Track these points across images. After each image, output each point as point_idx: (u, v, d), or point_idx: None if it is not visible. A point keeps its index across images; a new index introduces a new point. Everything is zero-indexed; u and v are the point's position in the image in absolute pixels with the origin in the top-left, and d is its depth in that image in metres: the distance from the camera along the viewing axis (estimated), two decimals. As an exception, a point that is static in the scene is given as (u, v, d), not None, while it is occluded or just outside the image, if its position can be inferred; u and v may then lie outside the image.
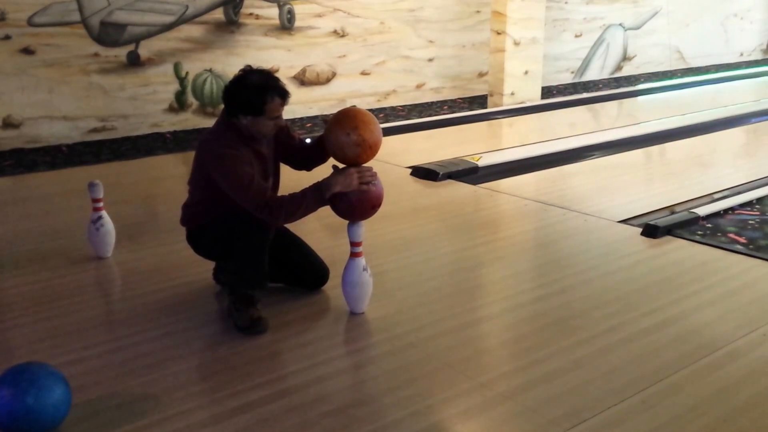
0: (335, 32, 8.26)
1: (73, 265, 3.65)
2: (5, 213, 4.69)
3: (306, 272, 3.25)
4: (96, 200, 3.63)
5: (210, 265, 3.33)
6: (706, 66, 12.29)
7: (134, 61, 6.95)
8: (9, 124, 6.37)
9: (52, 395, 2.20)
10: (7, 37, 6.25)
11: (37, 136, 6.50)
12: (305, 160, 3.17)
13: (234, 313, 2.94)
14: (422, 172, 5.36)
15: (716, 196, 4.88)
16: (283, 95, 2.86)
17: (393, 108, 8.70)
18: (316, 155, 3.12)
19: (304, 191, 2.85)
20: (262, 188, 2.86)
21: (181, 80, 7.26)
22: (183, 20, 7.18)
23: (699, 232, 4.15)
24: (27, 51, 6.36)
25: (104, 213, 3.67)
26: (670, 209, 4.58)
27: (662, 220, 4.14)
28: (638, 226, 4.15)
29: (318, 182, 2.85)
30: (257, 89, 2.82)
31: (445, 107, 8.89)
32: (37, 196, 5.10)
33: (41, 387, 2.19)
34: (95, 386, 2.53)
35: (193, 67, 7.31)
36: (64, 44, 6.53)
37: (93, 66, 6.72)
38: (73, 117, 6.66)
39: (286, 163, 3.18)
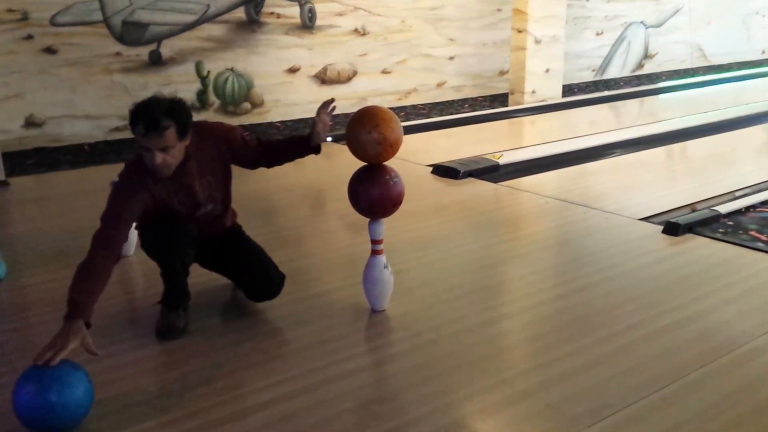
0: (356, 31, 8.28)
1: (97, 262, 3.68)
2: (28, 211, 4.76)
3: (252, 282, 3.08)
4: (119, 198, 3.66)
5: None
6: (728, 64, 12.16)
7: (156, 61, 7.01)
8: (32, 123, 6.45)
9: (75, 392, 2.22)
10: (30, 37, 6.34)
11: (59, 135, 6.59)
12: (274, 157, 3.03)
13: (160, 315, 2.93)
14: (443, 170, 5.36)
15: (738, 193, 4.83)
16: (147, 125, 2.51)
17: (414, 106, 8.70)
18: (288, 149, 3.02)
19: (83, 301, 2.44)
20: (114, 229, 2.64)
21: (203, 79, 7.31)
22: (204, 19, 7.23)
23: (720, 230, 4.12)
24: (49, 50, 6.44)
25: (127, 211, 3.69)
26: (692, 207, 4.54)
27: (683, 218, 4.11)
28: (659, 223, 4.12)
29: (83, 314, 2.41)
30: (132, 110, 2.57)
31: (466, 105, 8.88)
32: (59, 194, 5.16)
33: (64, 384, 2.21)
34: (117, 383, 2.55)
35: (214, 66, 7.36)
36: (86, 44, 6.60)
37: (115, 65, 6.79)
38: (96, 116, 6.74)
39: (253, 167, 3.07)
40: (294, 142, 3.04)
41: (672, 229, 3.96)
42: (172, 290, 2.94)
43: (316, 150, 3.02)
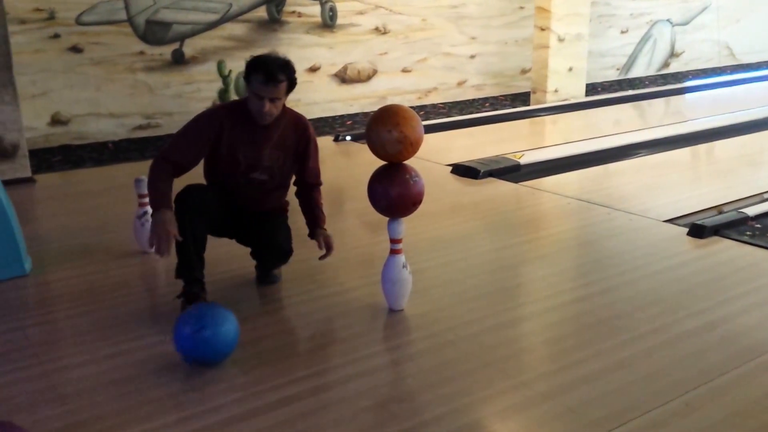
0: (377, 29, 8.27)
1: (119, 259, 3.73)
2: (53, 208, 4.81)
3: (263, 249, 3.24)
4: (141, 196, 3.70)
5: (251, 261, 3.36)
6: (757, 62, 11.97)
7: (179, 60, 7.06)
8: (57, 120, 6.53)
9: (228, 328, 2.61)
10: (56, 36, 6.41)
11: (84, 133, 6.66)
12: (299, 192, 3.30)
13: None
14: (463, 170, 5.34)
15: (766, 195, 4.75)
16: (269, 76, 2.90)
17: (434, 105, 8.67)
18: (302, 206, 3.28)
19: (159, 197, 2.89)
20: (175, 146, 3.00)
21: (225, 78, 7.35)
22: (227, 18, 7.27)
23: (747, 233, 4.05)
24: (75, 49, 6.52)
25: (149, 208, 3.72)
26: (718, 209, 4.48)
27: (709, 220, 4.05)
28: (684, 225, 4.06)
29: (165, 205, 2.88)
30: (253, 60, 2.97)
31: (487, 104, 8.83)
32: (83, 191, 5.21)
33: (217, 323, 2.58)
34: (139, 378, 2.57)
35: (236, 65, 7.39)
36: (110, 42, 6.67)
37: (139, 64, 6.84)
38: (120, 114, 6.80)
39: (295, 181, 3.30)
40: (311, 216, 3.25)
41: (698, 231, 3.91)
42: (182, 259, 3.02)
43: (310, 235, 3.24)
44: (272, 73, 2.90)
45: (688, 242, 3.87)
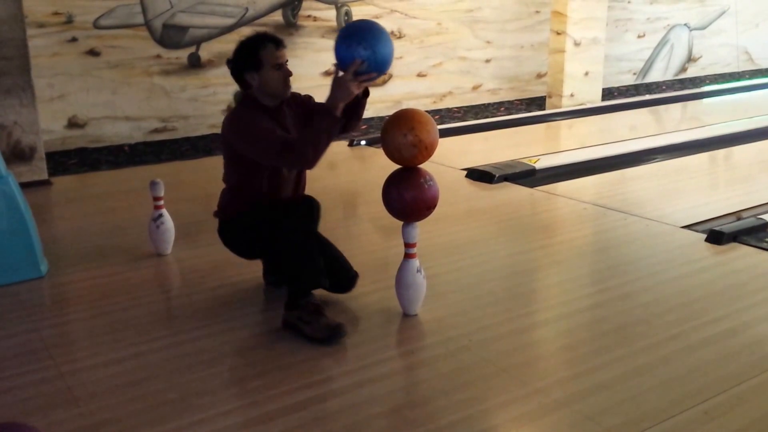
0: (392, 33, 8.25)
1: (134, 261, 3.74)
2: (70, 210, 4.84)
3: (333, 276, 3.07)
4: (157, 198, 3.71)
5: (261, 264, 3.35)
6: (776, 67, 11.87)
7: (195, 63, 7.09)
8: (74, 123, 6.57)
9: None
10: (74, 39, 6.46)
11: (100, 136, 6.70)
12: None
13: (304, 327, 2.82)
14: (477, 174, 5.31)
15: (785, 201, 4.69)
16: (276, 40, 2.92)
17: (449, 110, 8.66)
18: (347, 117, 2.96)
19: (316, 119, 2.76)
20: (282, 135, 2.84)
21: (240, 82, 7.36)
22: (243, 22, 7.29)
23: (766, 239, 3.99)
24: (92, 53, 6.56)
25: (165, 211, 3.74)
26: (737, 215, 4.43)
27: (728, 226, 4.00)
28: (702, 232, 4.01)
29: (323, 105, 2.80)
30: (248, 42, 2.92)
31: (502, 109, 8.80)
32: (100, 194, 5.24)
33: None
34: (153, 380, 2.57)
35: (252, 68, 7.41)
36: (127, 46, 6.71)
37: (155, 68, 6.88)
38: (136, 117, 6.84)
39: None
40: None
41: (716, 237, 3.86)
42: (313, 271, 2.88)
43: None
44: (277, 37, 2.93)
45: (706, 248, 3.82)
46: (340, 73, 2.72)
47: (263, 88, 2.94)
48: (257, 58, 2.89)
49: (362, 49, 2.64)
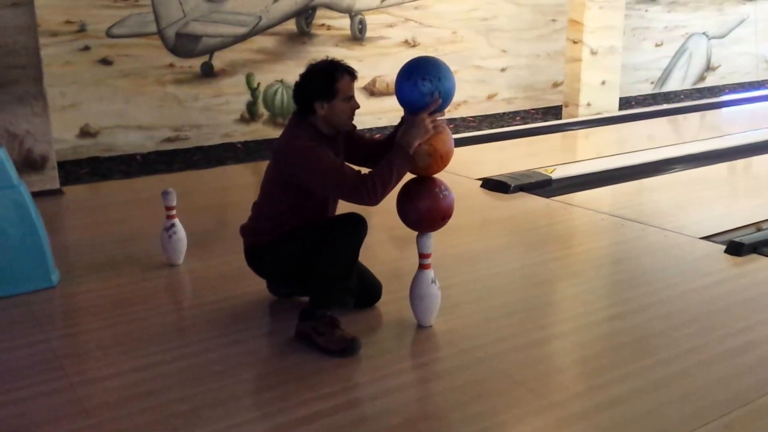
0: (406, 42, 8.26)
1: (146, 271, 3.72)
2: (81, 220, 4.84)
3: (362, 288, 3.07)
4: (169, 208, 3.69)
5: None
6: (796, 76, 11.75)
7: (208, 72, 7.11)
8: (86, 132, 6.60)
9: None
10: (87, 48, 6.49)
11: (113, 145, 6.72)
12: (373, 155, 3.00)
13: (317, 338, 2.79)
14: (493, 184, 5.27)
15: (807, 212, 4.61)
16: (352, 72, 2.87)
17: (464, 119, 8.63)
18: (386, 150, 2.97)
19: (388, 157, 2.74)
20: (354, 170, 2.81)
21: (253, 91, 7.38)
22: (256, 31, 7.31)
23: (788, 251, 3.92)
24: (105, 61, 6.59)
25: (177, 221, 3.72)
26: (756, 226, 4.35)
27: (748, 238, 3.94)
28: (722, 243, 3.95)
29: (397, 143, 2.77)
30: (325, 70, 2.83)
31: (518, 118, 8.76)
32: (112, 203, 5.24)
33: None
34: (165, 391, 2.55)
35: (265, 78, 7.43)
36: (140, 55, 6.74)
37: (168, 77, 6.90)
38: (148, 127, 6.86)
39: (352, 162, 3.08)
40: (382, 145, 3.04)
41: (735, 248, 3.80)
42: (344, 287, 2.87)
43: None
44: (351, 68, 2.88)
45: (725, 260, 3.76)
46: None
47: (330, 118, 2.86)
48: (333, 88, 2.81)
49: (429, 83, 2.74)
